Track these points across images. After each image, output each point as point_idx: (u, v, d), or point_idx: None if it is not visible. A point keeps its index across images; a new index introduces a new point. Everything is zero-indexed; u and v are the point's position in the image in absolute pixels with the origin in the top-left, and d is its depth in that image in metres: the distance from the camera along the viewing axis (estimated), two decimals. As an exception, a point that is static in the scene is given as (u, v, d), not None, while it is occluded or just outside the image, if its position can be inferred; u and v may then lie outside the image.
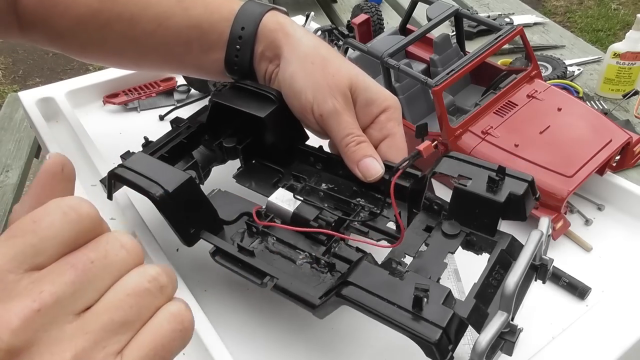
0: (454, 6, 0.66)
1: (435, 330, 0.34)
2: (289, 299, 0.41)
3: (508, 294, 0.35)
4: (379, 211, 0.46)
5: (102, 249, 0.27)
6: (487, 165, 0.43)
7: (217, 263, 0.45)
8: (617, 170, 0.62)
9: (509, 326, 0.36)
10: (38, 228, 0.25)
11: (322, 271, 0.43)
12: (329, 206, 0.48)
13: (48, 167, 0.29)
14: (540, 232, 0.39)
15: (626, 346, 0.43)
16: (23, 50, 2.83)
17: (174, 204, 0.44)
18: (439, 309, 0.35)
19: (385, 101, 0.50)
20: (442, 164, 0.45)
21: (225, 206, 0.48)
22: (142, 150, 0.53)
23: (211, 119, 0.55)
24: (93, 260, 0.26)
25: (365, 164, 0.48)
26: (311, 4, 1.15)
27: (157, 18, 0.54)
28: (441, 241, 0.42)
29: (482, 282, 0.38)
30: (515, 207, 0.41)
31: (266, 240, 0.46)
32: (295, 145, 0.54)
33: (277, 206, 0.47)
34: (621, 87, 0.81)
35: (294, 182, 0.52)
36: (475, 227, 0.42)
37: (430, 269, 0.40)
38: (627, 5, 2.89)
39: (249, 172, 0.54)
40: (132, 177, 0.45)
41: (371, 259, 0.41)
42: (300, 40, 0.52)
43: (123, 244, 0.27)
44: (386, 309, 0.36)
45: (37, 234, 0.25)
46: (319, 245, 0.45)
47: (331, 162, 0.52)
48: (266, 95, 0.52)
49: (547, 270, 0.41)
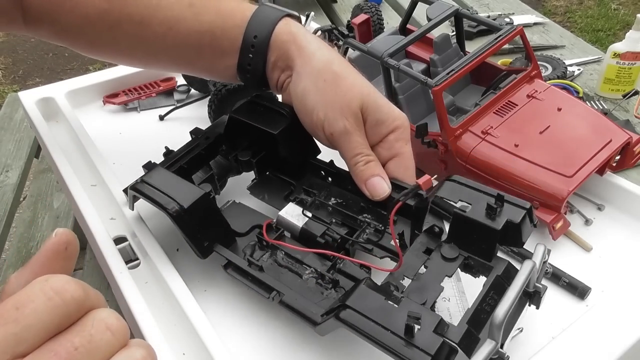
0: (454, 6, 0.66)
1: (424, 357, 0.35)
2: (293, 314, 0.43)
3: (497, 323, 0.36)
4: (383, 229, 0.48)
5: (87, 333, 0.26)
6: (487, 190, 0.44)
7: (229, 275, 0.47)
8: (617, 170, 0.62)
9: (497, 353, 0.37)
10: (21, 316, 0.25)
11: (327, 287, 0.45)
12: (336, 221, 0.50)
13: (52, 245, 0.29)
14: (533, 262, 0.40)
15: (626, 346, 0.43)
16: (23, 50, 2.83)
17: (190, 219, 0.47)
18: (430, 337, 0.36)
19: (394, 121, 0.51)
20: (444, 188, 0.46)
21: (239, 218, 0.51)
22: (163, 160, 0.55)
23: (228, 132, 0.57)
24: (77, 347, 0.25)
25: (372, 183, 0.49)
26: (311, 4, 1.15)
27: (168, 21, 0.53)
28: (440, 264, 0.43)
29: (476, 307, 0.39)
30: (513, 234, 0.42)
31: (275, 254, 0.48)
32: (307, 159, 0.56)
33: (287, 221, 0.50)
34: (621, 87, 0.81)
35: (304, 196, 0.54)
36: (473, 252, 0.43)
37: (427, 293, 0.41)
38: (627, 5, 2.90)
39: (262, 184, 0.57)
40: (150, 193, 0.48)
41: (370, 283, 0.42)
42: (314, 55, 0.52)
43: (108, 326, 0.27)
44: (380, 334, 0.37)
45: (19, 322, 0.25)
46: (325, 261, 0.47)
47: (341, 177, 0.53)
48: (280, 112, 0.55)
49: (540, 297, 0.42)
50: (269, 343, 0.47)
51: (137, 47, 0.56)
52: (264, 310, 0.49)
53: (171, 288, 0.48)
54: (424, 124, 0.57)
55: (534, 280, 0.41)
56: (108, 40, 0.55)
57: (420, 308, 0.39)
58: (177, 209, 0.46)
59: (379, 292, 0.40)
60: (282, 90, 0.55)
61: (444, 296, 0.47)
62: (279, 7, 0.55)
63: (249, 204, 0.55)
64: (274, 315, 0.49)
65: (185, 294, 0.47)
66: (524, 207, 0.42)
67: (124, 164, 0.66)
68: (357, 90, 0.51)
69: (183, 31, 0.53)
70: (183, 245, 0.54)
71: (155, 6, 0.53)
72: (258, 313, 0.49)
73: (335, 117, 0.50)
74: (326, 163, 0.55)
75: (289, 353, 0.46)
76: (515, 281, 0.38)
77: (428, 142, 0.59)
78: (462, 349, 0.36)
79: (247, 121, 0.55)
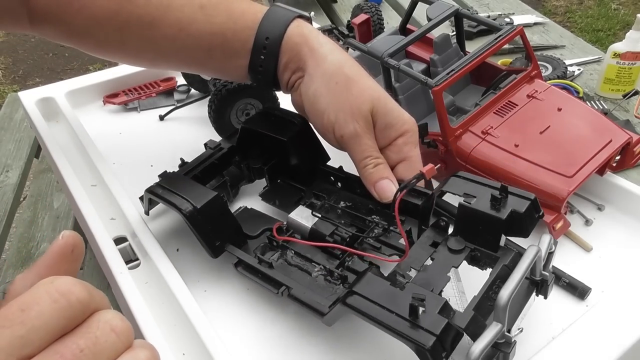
0: (454, 6, 0.66)
1: (429, 337, 0.35)
2: (301, 306, 0.44)
3: (501, 305, 0.36)
4: (391, 228, 0.49)
5: (92, 335, 0.26)
6: (491, 184, 0.45)
7: (240, 273, 0.48)
8: (617, 170, 0.62)
9: (504, 337, 0.37)
10: (27, 318, 0.25)
11: (335, 283, 0.46)
12: (345, 222, 0.51)
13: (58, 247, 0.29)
14: (538, 247, 0.40)
15: (626, 346, 0.43)
16: (23, 50, 2.83)
17: (202, 219, 0.48)
18: (435, 318, 0.37)
19: (403, 125, 0.52)
20: (450, 183, 0.46)
21: (250, 222, 0.53)
22: (177, 170, 0.57)
23: (241, 142, 0.59)
24: (82, 349, 0.26)
25: (381, 186, 0.50)
26: (311, 4, 1.15)
27: (179, 23, 0.53)
28: (446, 256, 0.44)
29: (482, 295, 0.40)
30: (518, 224, 0.43)
31: (285, 253, 0.49)
32: (317, 166, 0.57)
33: (296, 222, 0.51)
34: (621, 87, 0.81)
35: (314, 200, 0.55)
36: (479, 243, 0.44)
37: (433, 282, 0.41)
38: (627, 5, 2.90)
39: (274, 190, 0.58)
40: (165, 194, 0.50)
41: (376, 271, 0.43)
42: (326, 57, 0.52)
43: (113, 327, 0.27)
44: (385, 317, 0.37)
45: (25, 324, 0.25)
46: (334, 259, 0.48)
47: (349, 181, 0.54)
48: (290, 120, 0.56)
49: (547, 286, 0.42)
50: (269, 343, 0.47)
51: (147, 49, 0.55)
52: (264, 310, 0.49)
53: (171, 288, 0.48)
54: (424, 124, 0.57)
55: (540, 267, 0.41)
56: (116, 41, 0.55)
57: (425, 291, 0.39)
58: (191, 209, 0.47)
59: (385, 279, 0.41)
60: (293, 90, 0.55)
61: (444, 296, 0.47)
62: (291, 7, 0.55)
63: (261, 210, 0.56)
64: (274, 315, 0.49)
65: (185, 294, 0.47)
66: (529, 197, 0.43)
67: (124, 164, 0.66)
68: (368, 93, 0.51)
69: (194, 33, 0.53)
70: (183, 246, 0.54)
71: (166, 7, 0.53)
72: (258, 313, 0.49)
73: (346, 119, 0.50)
74: (335, 169, 0.56)
75: (288, 353, 0.46)
76: (520, 264, 0.39)
77: (428, 142, 0.59)
78: (468, 334, 0.37)
79: (258, 129, 0.57)
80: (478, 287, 0.41)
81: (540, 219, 0.44)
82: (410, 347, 0.36)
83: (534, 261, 0.39)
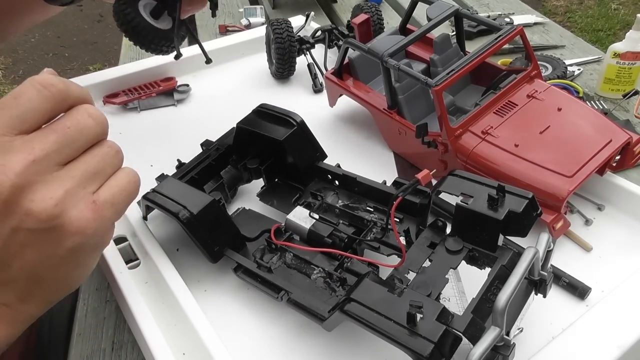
0: (454, 6, 0.66)
1: (427, 345, 0.35)
2: (301, 312, 0.44)
3: (499, 309, 0.36)
4: (389, 227, 0.49)
5: (74, 118, 0.34)
6: (488, 182, 0.45)
7: (239, 278, 0.48)
8: (617, 170, 0.62)
9: (502, 340, 0.37)
10: (20, 102, 0.33)
11: (335, 285, 0.46)
12: (344, 222, 0.51)
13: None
14: (535, 249, 0.40)
15: (626, 346, 0.43)
16: (23, 50, 2.83)
17: (199, 224, 0.48)
18: (433, 325, 0.36)
19: None
20: (447, 183, 0.46)
21: (248, 224, 0.53)
22: (175, 172, 0.57)
23: (237, 142, 0.59)
24: (69, 127, 0.34)
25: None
26: (311, 4, 1.15)
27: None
28: (444, 257, 0.43)
29: (481, 297, 0.40)
30: (515, 224, 0.42)
31: (284, 256, 0.49)
32: (314, 164, 0.56)
33: (294, 224, 0.51)
34: (621, 87, 0.80)
35: (312, 200, 0.54)
36: (477, 243, 0.44)
37: (432, 285, 0.41)
38: (627, 5, 2.90)
39: (271, 190, 0.58)
40: (161, 201, 0.50)
41: (373, 277, 0.43)
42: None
43: (90, 114, 0.35)
44: (383, 325, 0.37)
45: (19, 106, 0.33)
46: (333, 261, 0.47)
47: (347, 179, 0.54)
48: (286, 119, 0.56)
49: (546, 285, 0.42)
50: (269, 342, 0.47)
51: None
52: (264, 310, 0.49)
53: (171, 288, 0.48)
54: (424, 124, 0.57)
55: (538, 267, 0.41)
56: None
57: (422, 297, 0.39)
58: (187, 215, 0.47)
59: (383, 285, 0.41)
60: None
61: (444, 296, 0.47)
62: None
63: (259, 211, 0.56)
64: (274, 315, 0.49)
65: (185, 294, 0.47)
66: (526, 197, 0.43)
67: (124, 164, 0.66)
68: None
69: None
70: (183, 246, 0.54)
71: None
72: (258, 313, 0.49)
73: None
74: (333, 167, 0.55)
75: (289, 353, 0.46)
76: (518, 267, 0.38)
77: (428, 142, 0.59)
78: (467, 338, 0.37)
79: (254, 130, 0.56)
80: (479, 284, 0.41)
81: (538, 217, 0.44)
82: (409, 355, 0.36)
83: (532, 263, 0.39)
